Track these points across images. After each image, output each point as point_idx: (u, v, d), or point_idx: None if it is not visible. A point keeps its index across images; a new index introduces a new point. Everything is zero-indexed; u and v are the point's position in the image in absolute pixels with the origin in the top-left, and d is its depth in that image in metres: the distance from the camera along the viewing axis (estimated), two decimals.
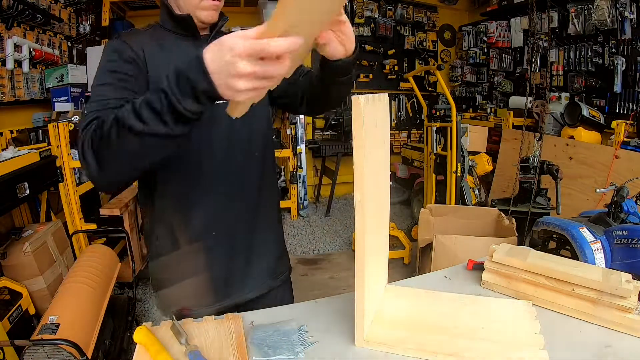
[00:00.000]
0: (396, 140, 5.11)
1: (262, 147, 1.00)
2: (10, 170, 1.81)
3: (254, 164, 0.99)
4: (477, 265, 0.96)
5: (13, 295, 1.82)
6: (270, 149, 1.06)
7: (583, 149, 3.06)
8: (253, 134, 0.97)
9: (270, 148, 1.06)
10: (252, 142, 0.97)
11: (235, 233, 0.97)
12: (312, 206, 4.60)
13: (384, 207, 0.81)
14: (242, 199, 0.97)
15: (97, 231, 2.52)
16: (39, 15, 2.52)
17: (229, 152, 0.93)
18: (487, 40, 4.54)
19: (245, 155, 0.96)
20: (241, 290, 1.01)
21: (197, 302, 0.97)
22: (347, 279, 2.89)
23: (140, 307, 2.54)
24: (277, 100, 1.07)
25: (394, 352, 0.69)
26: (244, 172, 0.97)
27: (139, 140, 0.62)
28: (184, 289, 0.97)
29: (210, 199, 0.93)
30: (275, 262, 1.09)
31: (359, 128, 0.61)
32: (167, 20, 0.93)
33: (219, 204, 0.94)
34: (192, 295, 0.97)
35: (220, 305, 0.97)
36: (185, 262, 0.96)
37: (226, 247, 0.97)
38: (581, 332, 0.73)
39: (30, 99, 2.62)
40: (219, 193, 0.94)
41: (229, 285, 1.00)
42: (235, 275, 1.00)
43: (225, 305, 0.98)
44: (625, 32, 3.03)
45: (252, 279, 1.02)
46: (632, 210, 1.78)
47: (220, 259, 0.97)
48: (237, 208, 0.96)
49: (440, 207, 2.53)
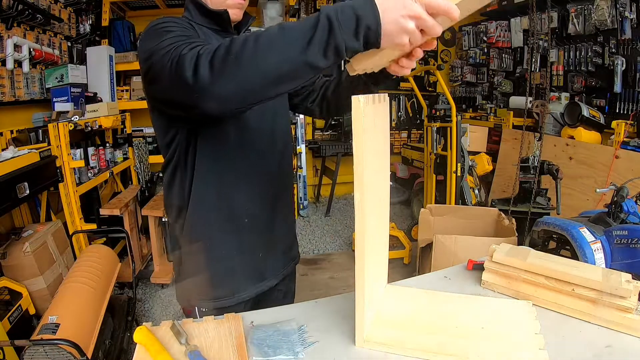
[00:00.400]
0: (396, 140, 5.10)
1: (287, 138, 1.08)
2: (10, 170, 1.80)
3: (284, 154, 1.06)
4: (477, 265, 0.96)
5: (13, 295, 1.82)
6: (290, 136, 1.13)
7: (583, 149, 3.06)
8: (285, 125, 1.07)
9: (290, 135, 1.12)
10: (285, 131, 1.07)
11: (264, 218, 1.00)
12: (312, 206, 4.60)
13: (384, 207, 0.81)
14: (275, 185, 1.02)
15: (97, 231, 2.52)
16: (39, 15, 2.51)
17: (270, 139, 0.99)
18: (487, 40, 4.54)
19: (280, 144, 1.03)
20: (265, 279, 1.04)
21: (230, 291, 0.98)
22: (347, 279, 2.89)
23: (140, 307, 2.54)
24: (290, 100, 1.11)
25: (393, 352, 0.69)
26: (278, 160, 1.03)
27: (277, 60, 0.59)
28: (212, 279, 0.98)
29: (251, 182, 0.97)
30: (291, 249, 1.14)
31: (359, 128, 0.61)
32: (199, 16, 0.94)
33: (255, 187, 0.97)
34: (222, 285, 0.98)
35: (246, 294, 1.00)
36: (218, 251, 0.97)
37: (256, 234, 1.00)
38: (581, 332, 0.73)
39: (30, 99, 2.61)
40: (258, 176, 0.97)
41: (260, 272, 1.03)
42: (263, 264, 1.03)
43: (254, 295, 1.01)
44: (625, 32, 3.03)
45: (274, 267, 1.06)
46: (632, 210, 1.78)
47: (251, 246, 1.00)
48: (267, 193, 1.00)
49: (440, 207, 2.53)
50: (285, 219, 1.09)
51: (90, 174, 2.66)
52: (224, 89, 0.62)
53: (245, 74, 0.60)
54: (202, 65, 0.62)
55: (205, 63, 0.62)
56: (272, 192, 1.02)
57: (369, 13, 0.55)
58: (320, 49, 0.57)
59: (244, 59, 0.60)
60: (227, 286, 0.98)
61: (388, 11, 0.55)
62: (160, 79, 0.70)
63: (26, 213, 2.34)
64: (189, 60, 0.63)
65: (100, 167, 2.84)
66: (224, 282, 0.98)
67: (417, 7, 0.55)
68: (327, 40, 0.57)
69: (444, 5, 0.55)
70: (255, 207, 0.98)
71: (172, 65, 0.65)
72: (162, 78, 0.69)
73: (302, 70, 0.60)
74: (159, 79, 0.71)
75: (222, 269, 0.98)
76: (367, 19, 0.55)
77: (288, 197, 1.10)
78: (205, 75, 0.61)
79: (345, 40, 0.56)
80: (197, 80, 0.62)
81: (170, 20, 0.82)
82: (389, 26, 0.56)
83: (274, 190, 1.02)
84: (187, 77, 0.63)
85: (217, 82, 0.61)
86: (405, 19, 0.55)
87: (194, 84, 0.62)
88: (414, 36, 0.57)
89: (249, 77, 0.61)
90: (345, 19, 0.56)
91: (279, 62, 0.59)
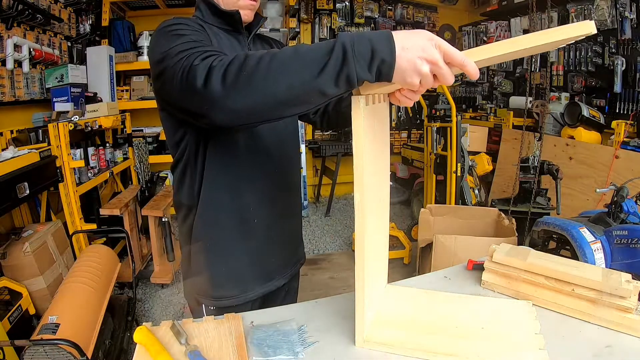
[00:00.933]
0: (396, 140, 5.10)
1: (296, 141, 1.10)
2: (10, 170, 1.80)
3: (292, 155, 1.08)
4: (477, 265, 0.97)
5: (13, 295, 1.82)
6: (298, 138, 1.14)
7: (583, 149, 3.06)
8: (294, 129, 1.09)
9: (298, 137, 1.14)
10: (293, 135, 1.08)
11: (273, 219, 1.01)
12: (312, 206, 4.60)
13: (384, 207, 0.81)
14: (284, 187, 1.03)
15: (97, 231, 2.52)
16: (39, 15, 2.52)
17: (280, 143, 1.00)
18: (487, 41, 4.54)
19: (289, 146, 1.05)
20: (272, 279, 1.05)
21: (240, 290, 0.99)
22: (347, 279, 2.89)
23: (140, 307, 2.54)
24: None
25: (393, 352, 0.69)
26: (287, 161, 1.04)
27: (288, 84, 0.59)
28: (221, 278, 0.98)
29: (260, 184, 0.97)
30: (297, 250, 1.16)
31: (359, 128, 0.61)
32: (210, 16, 0.95)
33: (264, 190, 0.98)
34: (231, 284, 0.99)
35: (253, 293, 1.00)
36: (227, 251, 0.98)
37: (264, 234, 1.00)
38: (581, 332, 0.73)
39: (30, 99, 2.61)
40: (267, 178, 0.98)
41: (268, 272, 1.03)
42: (270, 265, 1.04)
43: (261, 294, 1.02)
44: (625, 32, 3.03)
45: (281, 267, 1.07)
46: (632, 210, 1.78)
47: (259, 247, 1.00)
48: (275, 194, 1.01)
49: (440, 207, 2.53)
50: (293, 220, 1.10)
51: (90, 174, 2.66)
52: (234, 103, 0.63)
53: (256, 93, 0.61)
54: (215, 78, 0.63)
55: (218, 76, 0.63)
56: (281, 194, 1.02)
57: (386, 47, 0.55)
58: (332, 77, 0.57)
59: (257, 78, 0.60)
60: (235, 286, 0.99)
61: (406, 50, 0.56)
62: (172, 85, 0.70)
63: (26, 213, 2.34)
64: (201, 70, 0.64)
65: (100, 167, 2.84)
66: (232, 281, 0.98)
67: (435, 53, 0.56)
68: (340, 69, 0.57)
69: (460, 59, 0.56)
70: (264, 209, 0.98)
71: (184, 74, 0.66)
72: (173, 84, 0.70)
73: (312, 96, 0.60)
74: (170, 84, 0.71)
75: (231, 269, 0.98)
76: (382, 53, 0.55)
77: (296, 199, 1.11)
78: (217, 87, 0.62)
79: (357, 71, 0.56)
80: (208, 91, 0.63)
81: (181, 22, 0.82)
82: (404, 64, 0.56)
83: (282, 192, 1.03)
84: (199, 87, 0.64)
85: (228, 96, 0.62)
86: (422, 62, 0.56)
87: (205, 94, 0.63)
88: (425, 79, 0.57)
89: (259, 97, 0.61)
90: (361, 50, 0.56)
91: (290, 85, 0.59)
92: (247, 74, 0.61)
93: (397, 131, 5.19)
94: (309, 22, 4.64)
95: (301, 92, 0.60)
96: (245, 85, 0.61)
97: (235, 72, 0.62)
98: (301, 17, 4.48)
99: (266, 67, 0.60)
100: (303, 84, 0.59)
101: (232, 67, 0.62)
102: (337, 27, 4.72)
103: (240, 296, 0.99)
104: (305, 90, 0.59)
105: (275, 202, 1.01)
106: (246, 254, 0.99)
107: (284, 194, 1.03)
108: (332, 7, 4.67)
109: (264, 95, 0.61)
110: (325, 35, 4.74)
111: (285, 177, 1.03)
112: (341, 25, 4.74)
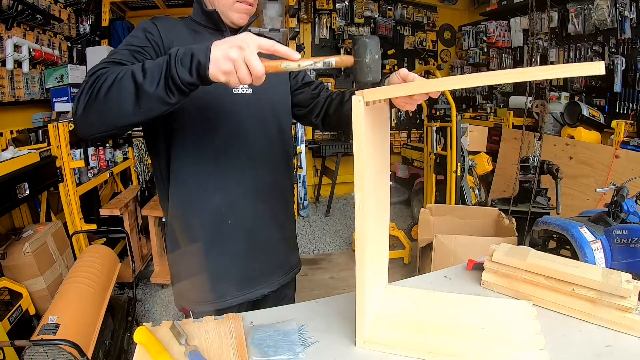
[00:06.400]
0: (396, 140, 5.10)
1: (284, 145, 1.06)
2: (10, 170, 1.80)
3: (276, 156, 1.04)
4: (477, 265, 0.96)
5: (13, 295, 1.82)
6: (286, 141, 1.08)
7: (583, 148, 3.06)
8: (282, 130, 1.05)
9: (286, 140, 1.08)
10: (280, 138, 1.04)
11: (251, 222, 0.99)
12: (312, 206, 4.59)
13: (384, 207, 0.81)
14: (259, 185, 0.99)
15: (97, 231, 2.52)
16: (38, 15, 2.51)
17: (256, 140, 0.98)
18: (487, 40, 4.54)
19: (271, 147, 1.01)
20: (255, 286, 1.02)
21: (217, 295, 0.98)
22: (347, 279, 2.89)
23: (140, 307, 2.54)
24: (294, 109, 1.12)
25: (394, 352, 0.69)
26: (267, 162, 1.00)
27: (131, 93, 0.68)
28: (200, 282, 0.98)
29: (229, 183, 0.96)
30: (288, 257, 1.11)
31: (359, 128, 0.61)
32: (199, 15, 0.99)
33: (237, 189, 0.96)
34: (208, 288, 0.98)
35: (234, 300, 0.99)
36: (203, 254, 0.97)
37: (242, 237, 0.99)
38: (581, 332, 0.73)
39: (30, 99, 2.61)
40: (237, 177, 0.96)
41: (248, 279, 1.01)
42: (252, 271, 1.02)
43: (241, 301, 1.00)
44: (625, 32, 3.03)
45: (266, 275, 1.04)
46: (632, 210, 1.78)
47: (237, 250, 0.99)
48: (253, 195, 0.99)
49: (440, 207, 2.53)
50: (281, 226, 1.06)
51: (90, 174, 2.66)
52: (88, 119, 0.74)
53: (101, 108, 0.71)
54: (78, 99, 0.73)
55: (79, 97, 0.73)
56: (260, 195, 0.99)
57: (202, 52, 0.65)
58: (162, 84, 0.67)
59: (102, 95, 0.70)
60: (212, 289, 0.98)
61: (218, 45, 0.65)
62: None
63: (26, 213, 2.34)
64: (82, 87, 0.74)
65: (100, 167, 2.84)
66: (208, 286, 0.97)
67: (244, 41, 0.65)
68: (166, 76, 0.67)
69: (268, 45, 0.66)
70: (239, 209, 0.97)
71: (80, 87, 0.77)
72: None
73: (151, 104, 0.69)
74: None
75: (206, 271, 0.97)
76: (199, 56, 0.65)
77: (283, 204, 1.07)
78: (77, 108, 0.73)
79: (179, 74, 0.66)
80: (74, 111, 0.75)
81: (140, 29, 0.91)
82: (216, 53, 0.65)
83: (261, 193, 0.99)
84: (74, 104, 0.76)
85: (82, 114, 0.73)
86: (232, 49, 0.64)
87: (73, 114, 0.75)
88: (237, 64, 0.64)
89: (104, 111, 0.71)
90: (183, 58, 0.66)
91: (127, 99, 0.69)
92: (96, 94, 0.71)
93: (397, 131, 5.20)
94: (308, 22, 4.64)
95: (141, 102, 0.68)
96: (94, 104, 0.71)
97: (87, 92, 0.72)
98: (301, 17, 4.48)
99: (113, 85, 0.69)
100: (140, 96, 0.68)
101: (86, 88, 0.72)
102: (336, 27, 4.72)
103: (217, 301, 0.97)
104: (143, 100, 0.68)
105: (256, 203, 0.99)
106: (222, 256, 0.97)
107: (263, 195, 1.00)
108: (331, 7, 4.67)
109: (109, 109, 0.71)
110: (325, 35, 4.74)
111: (265, 178, 1.00)
112: (341, 25, 4.74)
